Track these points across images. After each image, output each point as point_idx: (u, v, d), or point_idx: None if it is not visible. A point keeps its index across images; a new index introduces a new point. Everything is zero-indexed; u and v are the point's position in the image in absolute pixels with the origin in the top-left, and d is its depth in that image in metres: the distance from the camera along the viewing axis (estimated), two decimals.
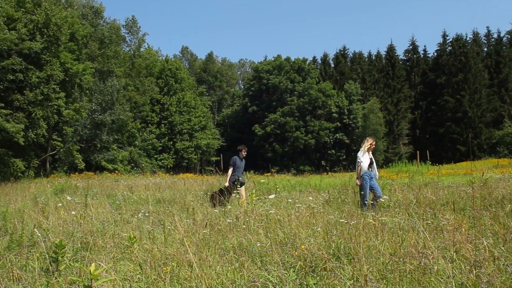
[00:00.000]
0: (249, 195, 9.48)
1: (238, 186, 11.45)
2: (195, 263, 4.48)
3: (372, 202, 9.38)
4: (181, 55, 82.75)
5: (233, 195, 11.43)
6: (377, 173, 10.23)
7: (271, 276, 4.45)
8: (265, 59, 64.51)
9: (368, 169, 9.91)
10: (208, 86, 71.72)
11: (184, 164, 52.48)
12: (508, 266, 4.24)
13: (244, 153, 12.33)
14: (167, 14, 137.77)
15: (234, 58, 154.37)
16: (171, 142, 51.79)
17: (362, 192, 9.57)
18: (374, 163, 10.20)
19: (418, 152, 20.09)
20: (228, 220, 7.45)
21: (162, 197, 13.79)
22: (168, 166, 49.10)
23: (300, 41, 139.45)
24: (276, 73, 59.19)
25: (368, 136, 10.73)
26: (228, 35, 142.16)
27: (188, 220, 7.65)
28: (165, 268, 4.64)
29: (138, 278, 4.57)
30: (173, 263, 4.86)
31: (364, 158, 10.05)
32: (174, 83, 53.80)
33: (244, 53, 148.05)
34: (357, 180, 9.88)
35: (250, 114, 59.48)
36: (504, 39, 62.38)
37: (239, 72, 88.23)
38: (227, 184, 11.77)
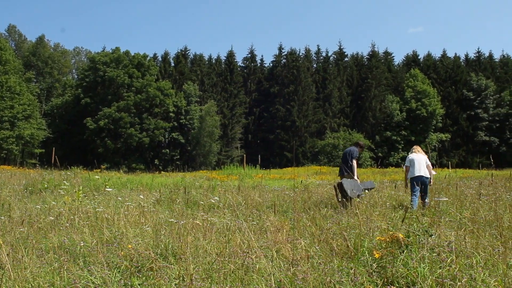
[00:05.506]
0: (75, 192, 8.94)
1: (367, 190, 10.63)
2: (8, 264, 4.09)
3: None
4: (7, 34, 74.96)
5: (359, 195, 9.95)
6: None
7: (94, 277, 4.26)
8: (103, 50, 61.65)
9: None
10: (36, 72, 66.02)
11: (2, 155, 47.63)
12: (321, 264, 4.65)
13: (360, 150, 11.44)
14: None
15: (69, 45, 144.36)
16: None
17: None
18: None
19: (244, 156, 21.03)
20: (50, 218, 6.97)
21: None
22: None
23: (141, 35, 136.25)
24: (114, 66, 56.91)
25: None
26: (63, 19, 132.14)
27: (2, 217, 6.97)
28: None
29: None
30: None
31: None
32: None
33: (80, 41, 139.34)
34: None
35: (82, 106, 56.13)
36: (331, 58, 68.88)
37: (73, 61, 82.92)
38: (356, 177, 10.68)
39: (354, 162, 10.96)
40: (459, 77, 65.01)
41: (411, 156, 10.59)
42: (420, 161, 10.41)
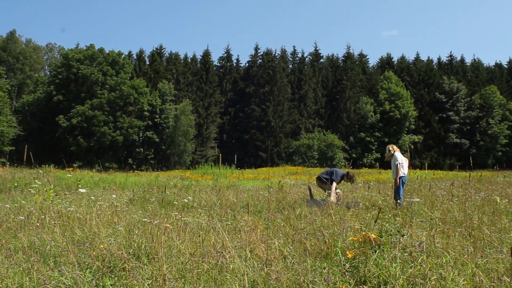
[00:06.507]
0: (46, 190, 8.77)
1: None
2: None
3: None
4: None
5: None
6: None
7: (65, 278, 4.19)
8: (76, 47, 60.59)
9: None
10: (7, 68, 64.46)
11: None
12: (294, 264, 4.67)
13: (346, 181, 11.39)
14: None
15: (41, 40, 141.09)
16: None
17: None
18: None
19: (220, 155, 21.02)
20: (20, 217, 6.82)
21: None
22: None
23: (116, 33, 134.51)
24: (88, 63, 56.01)
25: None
26: (36, 15, 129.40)
27: None
28: None
29: None
30: None
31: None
32: None
33: (54, 37, 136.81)
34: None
35: (54, 104, 55.07)
36: (306, 59, 69.31)
37: (45, 57, 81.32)
38: (332, 199, 10.27)
39: (334, 184, 10.87)
40: (432, 80, 66.21)
41: (399, 154, 10.74)
42: (405, 162, 10.70)
